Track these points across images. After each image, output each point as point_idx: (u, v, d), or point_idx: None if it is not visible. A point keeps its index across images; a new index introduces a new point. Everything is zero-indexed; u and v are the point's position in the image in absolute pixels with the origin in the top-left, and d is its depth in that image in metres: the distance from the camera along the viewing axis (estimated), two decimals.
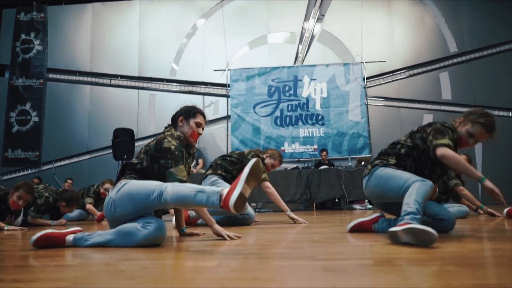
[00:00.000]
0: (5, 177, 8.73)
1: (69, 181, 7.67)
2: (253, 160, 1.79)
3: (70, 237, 2.01)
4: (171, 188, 1.90)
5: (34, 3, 9.18)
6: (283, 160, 4.23)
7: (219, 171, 3.71)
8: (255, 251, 1.75)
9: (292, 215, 3.45)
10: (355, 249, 1.72)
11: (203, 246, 1.99)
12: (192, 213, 3.40)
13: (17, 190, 3.74)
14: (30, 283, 1.16)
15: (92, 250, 1.89)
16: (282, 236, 2.37)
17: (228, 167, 3.72)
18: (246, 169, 1.76)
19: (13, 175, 8.72)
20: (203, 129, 2.43)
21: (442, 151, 2.12)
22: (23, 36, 9.11)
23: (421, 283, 1.02)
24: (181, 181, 2.08)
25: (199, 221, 3.40)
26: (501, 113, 8.08)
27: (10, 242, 2.49)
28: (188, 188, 1.86)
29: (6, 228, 3.62)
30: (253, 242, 2.11)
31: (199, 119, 2.39)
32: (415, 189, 2.00)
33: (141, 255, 1.69)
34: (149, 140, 2.10)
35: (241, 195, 1.69)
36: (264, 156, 3.82)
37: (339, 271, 1.20)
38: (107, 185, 5.44)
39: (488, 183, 2.03)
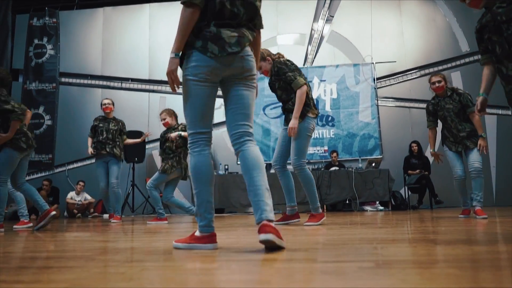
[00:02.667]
0: None
1: (81, 183, 7.77)
2: None
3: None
4: None
5: (46, 8, 9.34)
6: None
7: None
8: (258, 253, 1.74)
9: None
10: (357, 251, 1.70)
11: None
12: None
13: None
14: (30, 284, 1.17)
15: (96, 252, 1.91)
16: (287, 238, 2.35)
17: None
18: None
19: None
20: None
21: None
22: (36, 41, 9.27)
23: (418, 286, 1.00)
24: None
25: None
26: (500, 111, 7.93)
27: (20, 244, 2.53)
28: None
29: None
30: (256, 243, 2.10)
31: None
32: None
33: (144, 257, 1.70)
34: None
35: None
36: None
37: (337, 273, 1.19)
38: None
39: None
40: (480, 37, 2.34)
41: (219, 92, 1.96)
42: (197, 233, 1.89)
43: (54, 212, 3.85)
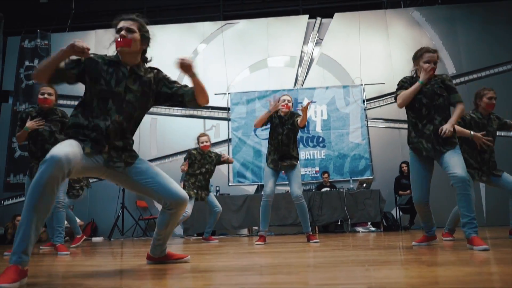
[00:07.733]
0: (6, 203, 8.72)
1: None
2: None
3: None
4: None
5: (38, 30, 9.38)
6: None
7: None
8: (248, 276, 1.72)
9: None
10: (349, 274, 1.69)
11: (198, 269, 1.96)
12: None
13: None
14: None
15: (84, 277, 1.87)
16: (279, 261, 2.33)
17: None
18: None
19: (15, 200, 8.71)
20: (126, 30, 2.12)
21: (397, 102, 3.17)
22: (27, 63, 9.27)
23: None
24: None
25: None
26: (501, 133, 8.07)
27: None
28: None
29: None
30: (248, 267, 2.08)
31: (120, 25, 2.14)
32: None
33: (132, 282, 1.67)
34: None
35: None
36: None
37: None
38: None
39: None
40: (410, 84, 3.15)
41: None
42: None
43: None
